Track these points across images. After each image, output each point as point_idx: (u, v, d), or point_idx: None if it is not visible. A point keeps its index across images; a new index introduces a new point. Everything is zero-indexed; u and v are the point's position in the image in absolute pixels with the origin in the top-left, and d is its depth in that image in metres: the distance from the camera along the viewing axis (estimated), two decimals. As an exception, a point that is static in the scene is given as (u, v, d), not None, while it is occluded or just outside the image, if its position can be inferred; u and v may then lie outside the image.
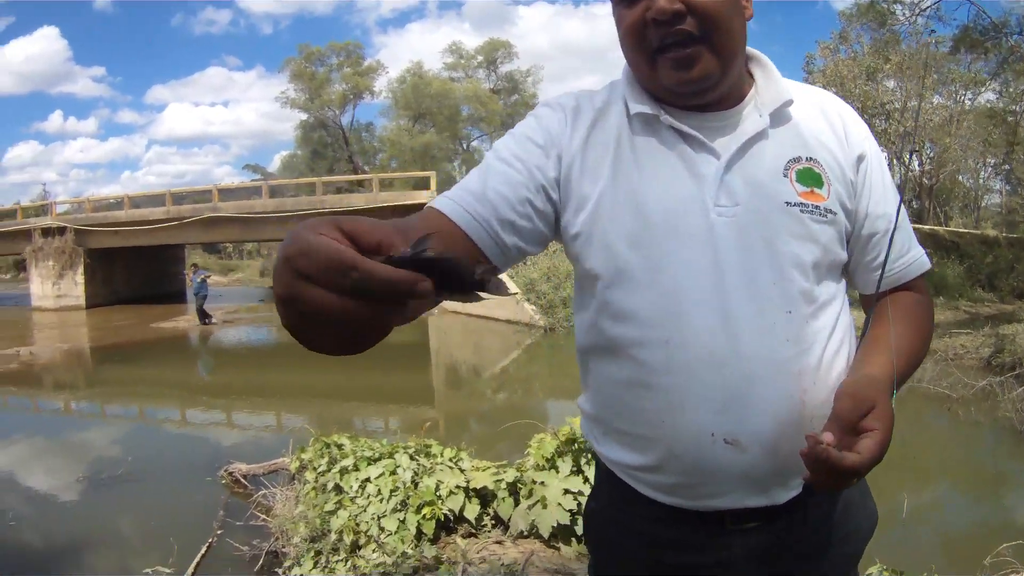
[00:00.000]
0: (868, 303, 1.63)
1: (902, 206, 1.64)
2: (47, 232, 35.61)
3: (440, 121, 54.91)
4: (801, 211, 1.49)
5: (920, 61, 31.11)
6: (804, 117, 1.59)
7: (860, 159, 1.59)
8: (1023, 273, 28.93)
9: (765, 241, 1.47)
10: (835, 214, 1.52)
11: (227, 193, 35.90)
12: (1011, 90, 28.45)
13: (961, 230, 35.84)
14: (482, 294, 0.80)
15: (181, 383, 18.33)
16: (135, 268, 37.30)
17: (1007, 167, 38.55)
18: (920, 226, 34.08)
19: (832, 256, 1.54)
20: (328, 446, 6.88)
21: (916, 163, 43.17)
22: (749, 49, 1.64)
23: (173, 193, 36.78)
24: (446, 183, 51.72)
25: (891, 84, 32.48)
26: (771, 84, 1.60)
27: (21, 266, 40.44)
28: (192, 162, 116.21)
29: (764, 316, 1.45)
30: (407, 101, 54.77)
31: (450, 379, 18.55)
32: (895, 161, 43.62)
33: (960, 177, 43.66)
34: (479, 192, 1.49)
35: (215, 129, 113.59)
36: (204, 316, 27.24)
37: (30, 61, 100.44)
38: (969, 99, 37.18)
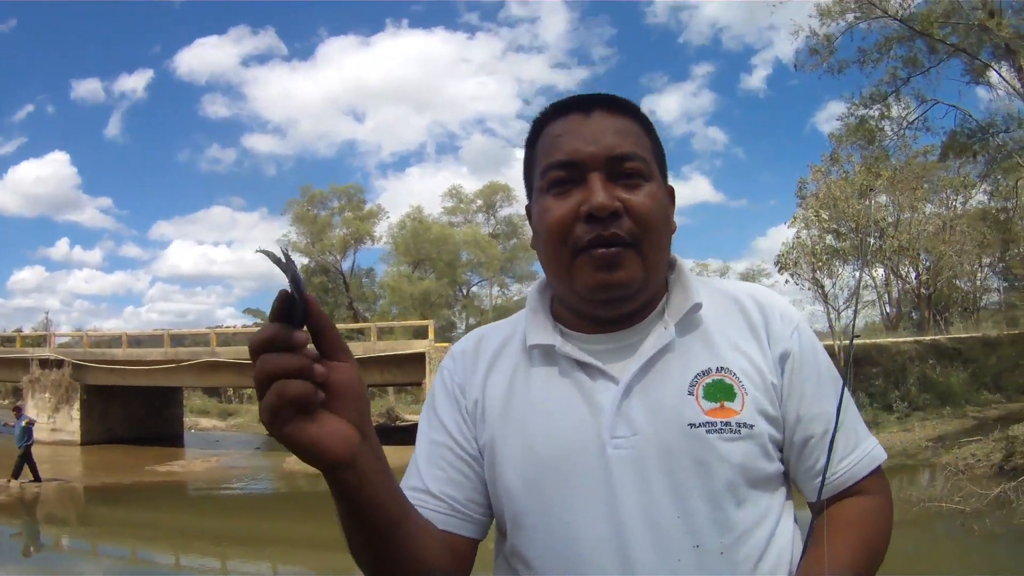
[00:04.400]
0: (816, 510, 1.48)
1: (846, 398, 1.49)
2: (45, 363, 35.47)
3: (440, 266, 55.78)
4: (708, 431, 1.38)
5: (911, 173, 31.63)
6: (718, 320, 1.50)
7: (784, 358, 1.48)
8: None
9: (666, 472, 1.38)
10: (752, 427, 1.41)
11: (226, 337, 35.88)
12: (1001, 188, 28.89)
13: (962, 335, 35.96)
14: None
15: (171, 529, 18.05)
16: (132, 407, 36.84)
17: (1002, 264, 38.78)
18: (921, 338, 34.20)
19: (755, 472, 1.41)
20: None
21: (913, 275, 43.58)
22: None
23: (172, 335, 36.97)
24: (445, 330, 52.28)
25: (883, 199, 32.89)
26: (681, 289, 1.53)
27: (18, 392, 38.98)
28: (195, 301, 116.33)
29: (668, 557, 1.35)
30: (407, 247, 55.77)
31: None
32: (892, 276, 43.88)
33: (957, 282, 43.90)
34: (423, 487, 1.50)
35: (218, 269, 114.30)
36: (20, 470, 21.97)
37: (39, 183, 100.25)
38: (960, 203, 37.70)
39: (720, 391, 1.41)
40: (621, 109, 1.51)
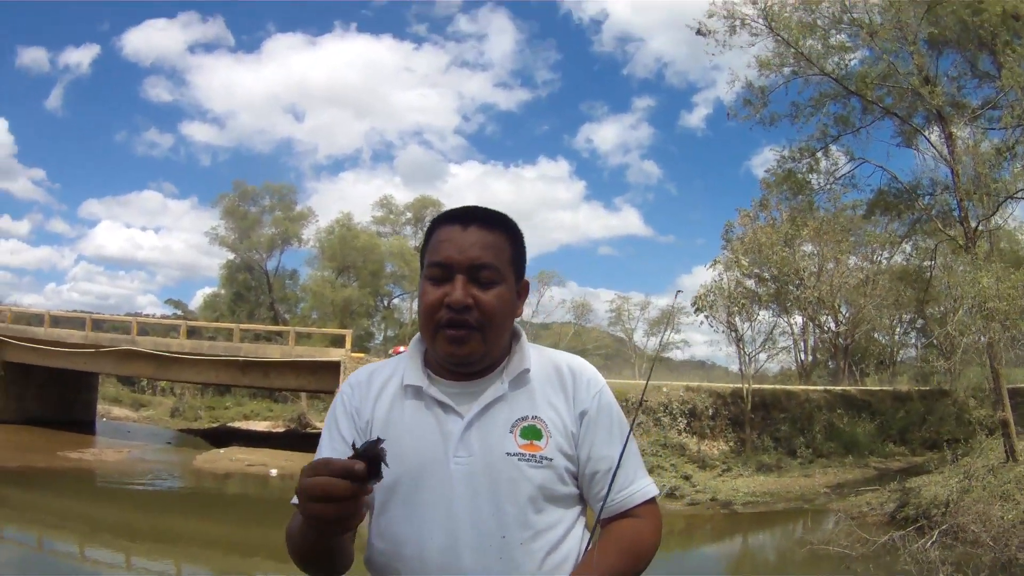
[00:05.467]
0: (597, 524, 2.12)
1: (629, 444, 2.13)
2: (-36, 336, 34.66)
3: (363, 276, 55.65)
4: (519, 460, 2.02)
5: (836, 226, 32.02)
6: (541, 381, 2.13)
7: (583, 414, 2.11)
8: (934, 424, 29.37)
9: (489, 483, 2.00)
10: (551, 460, 2.04)
11: (145, 326, 35.63)
12: (921, 248, 29.27)
13: (874, 388, 36.45)
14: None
15: (79, 518, 17.89)
16: (49, 389, 36.43)
17: (921, 322, 39.31)
18: (831, 388, 34.59)
19: (550, 492, 2.05)
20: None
21: (832, 324, 44.01)
22: (515, 326, 2.21)
23: (94, 318, 36.40)
24: (363, 339, 52.00)
25: (808, 248, 33.25)
26: (519, 355, 2.15)
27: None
28: (117, 285, 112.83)
29: (482, 540, 1.98)
30: (333, 252, 55.45)
31: (359, 543, 17.26)
32: (810, 324, 44.24)
33: (876, 335, 44.32)
34: None
35: (143, 255, 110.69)
36: None
37: None
38: (885, 258, 37.80)
39: (532, 433, 2.05)
40: (493, 224, 2.13)
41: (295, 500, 1.78)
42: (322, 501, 1.61)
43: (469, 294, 2.03)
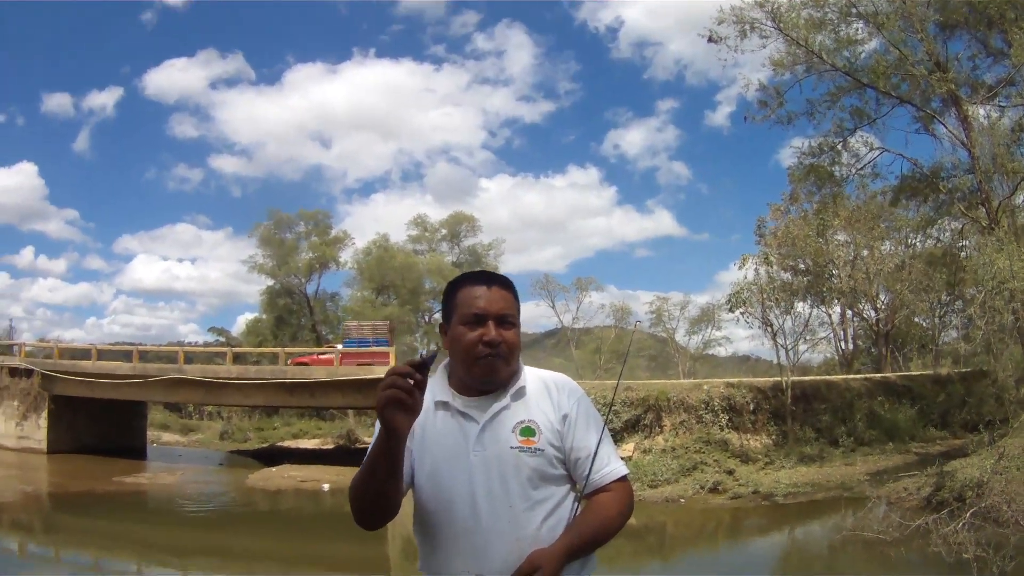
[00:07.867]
0: (581, 497, 2.81)
1: (604, 436, 2.84)
2: (14, 372, 36.05)
3: (403, 294, 56.52)
4: (519, 451, 2.72)
5: (867, 213, 31.92)
6: (534, 393, 2.85)
7: (564, 417, 2.81)
8: (974, 406, 28.88)
9: (498, 468, 2.70)
10: (543, 450, 2.74)
11: (190, 355, 36.34)
12: (949, 229, 28.99)
13: (914, 373, 36.14)
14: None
15: (138, 539, 18.37)
16: (98, 418, 37.17)
17: (960, 303, 38.73)
18: (871, 376, 34.56)
19: (543, 473, 2.74)
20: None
21: (871, 311, 43.69)
22: None
23: (140, 350, 37.51)
24: (407, 355, 52.12)
25: (841, 237, 33.15)
26: (519, 377, 2.86)
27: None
28: (157, 316, 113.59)
29: (494, 508, 2.67)
30: (372, 273, 56.59)
31: (408, 550, 16.69)
32: (848, 313, 43.92)
33: (916, 319, 43.79)
34: None
35: (181, 285, 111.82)
36: None
37: (6, 192, 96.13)
38: (920, 242, 37.39)
39: (528, 431, 2.75)
40: (506, 286, 2.89)
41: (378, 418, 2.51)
42: (402, 390, 2.33)
43: (499, 333, 2.75)
